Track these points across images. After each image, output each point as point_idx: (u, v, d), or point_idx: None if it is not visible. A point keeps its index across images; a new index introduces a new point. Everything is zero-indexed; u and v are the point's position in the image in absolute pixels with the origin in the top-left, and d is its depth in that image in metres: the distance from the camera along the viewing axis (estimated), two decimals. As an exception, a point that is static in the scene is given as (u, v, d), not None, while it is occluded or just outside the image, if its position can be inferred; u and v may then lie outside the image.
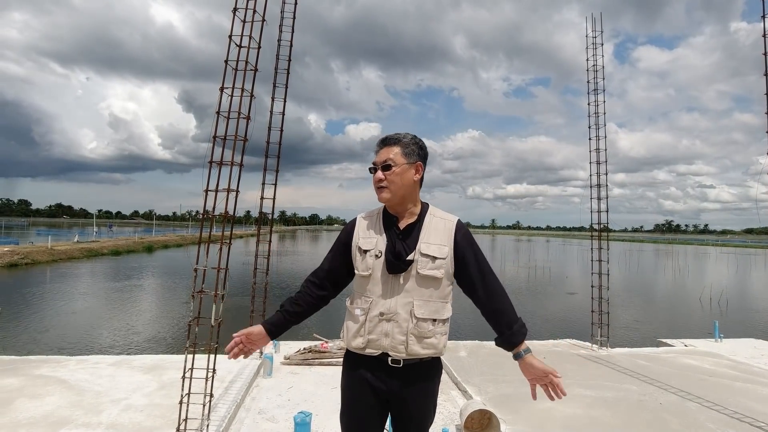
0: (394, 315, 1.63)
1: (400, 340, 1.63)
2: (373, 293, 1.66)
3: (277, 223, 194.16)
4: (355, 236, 1.75)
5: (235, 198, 3.20)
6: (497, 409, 4.20)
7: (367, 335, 1.65)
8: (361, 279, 1.70)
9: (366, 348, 1.66)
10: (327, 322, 11.80)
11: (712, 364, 6.05)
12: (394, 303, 1.64)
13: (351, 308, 1.73)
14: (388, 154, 1.70)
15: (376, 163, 1.73)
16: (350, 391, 1.74)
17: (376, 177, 1.71)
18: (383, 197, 1.71)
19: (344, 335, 1.74)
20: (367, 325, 1.65)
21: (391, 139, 1.72)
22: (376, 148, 1.75)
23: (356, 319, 1.68)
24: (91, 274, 21.78)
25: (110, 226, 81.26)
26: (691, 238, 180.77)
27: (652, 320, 13.57)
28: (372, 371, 1.68)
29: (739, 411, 4.32)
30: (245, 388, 4.50)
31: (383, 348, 1.64)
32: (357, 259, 1.71)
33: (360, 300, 1.69)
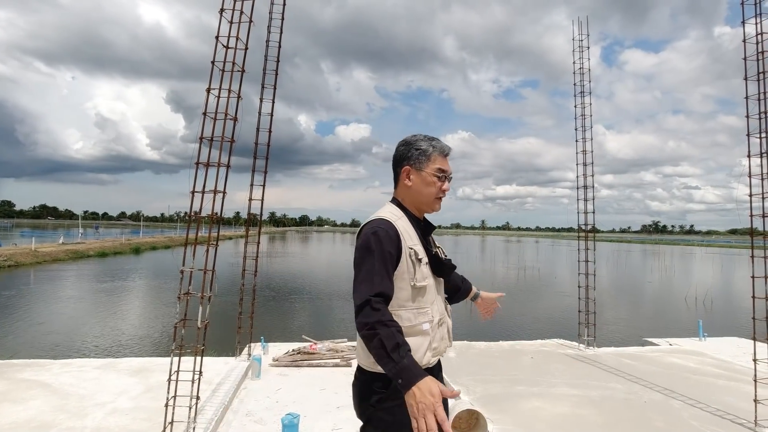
0: (443, 317, 1.64)
1: (447, 338, 1.66)
2: (428, 302, 1.56)
3: (266, 224, 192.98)
4: (403, 244, 1.53)
5: (222, 199, 3.18)
6: (485, 408, 4.23)
7: (433, 346, 1.57)
8: (416, 290, 1.52)
9: (431, 360, 1.56)
10: (315, 324, 11.78)
11: (696, 362, 6.15)
12: (441, 306, 1.64)
13: (411, 326, 1.50)
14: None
15: (448, 171, 1.65)
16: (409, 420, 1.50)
17: (447, 187, 1.66)
18: (440, 208, 1.69)
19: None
20: (432, 334, 1.56)
21: (451, 150, 1.70)
22: (444, 156, 1.65)
23: (425, 333, 1.53)
24: (76, 276, 21.46)
25: (96, 227, 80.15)
26: (678, 238, 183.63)
27: (638, 320, 13.74)
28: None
29: (721, 408, 4.40)
30: (233, 390, 4.47)
31: (440, 353, 1.62)
32: (413, 269, 1.52)
33: (416, 313, 1.52)
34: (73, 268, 24.60)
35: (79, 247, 32.83)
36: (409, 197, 1.65)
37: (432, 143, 1.63)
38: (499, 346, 6.73)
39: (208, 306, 3.12)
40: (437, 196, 1.64)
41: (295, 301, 15.28)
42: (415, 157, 1.62)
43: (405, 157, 1.64)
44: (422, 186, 1.62)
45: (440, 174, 1.62)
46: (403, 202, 1.66)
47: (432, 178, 1.61)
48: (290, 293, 16.87)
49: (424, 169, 1.61)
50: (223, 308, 11.47)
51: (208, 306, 3.12)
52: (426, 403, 1.21)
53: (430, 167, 1.61)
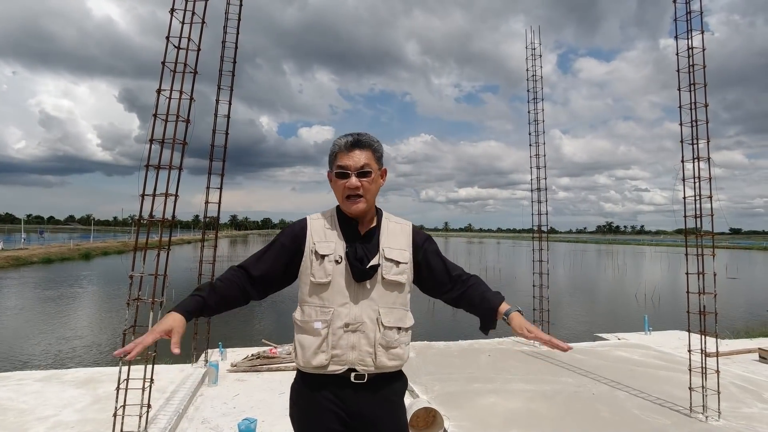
0: (360, 325, 1.49)
1: (368, 352, 1.50)
2: (333, 302, 1.50)
3: (228, 228, 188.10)
4: (308, 240, 1.55)
5: (174, 202, 3.12)
6: (443, 406, 4.32)
7: (331, 350, 1.48)
8: (317, 287, 1.51)
9: (329, 365, 1.48)
10: (277, 328, 11.61)
11: (640, 355, 6.51)
12: (359, 312, 1.50)
13: (305, 321, 1.52)
14: (364, 159, 1.52)
15: (348, 167, 1.51)
16: (309, 420, 1.52)
17: (350, 184, 1.50)
18: (359, 208, 1.53)
19: (298, 354, 1.53)
20: (330, 338, 1.48)
21: (364, 141, 1.53)
22: (346, 150, 1.52)
23: (316, 333, 1.49)
24: (17, 284, 20.16)
25: (41, 232, 75.60)
26: (629, 238, 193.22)
27: (592, 316, 14.38)
28: (334, 391, 1.50)
29: (661, 397, 4.69)
30: (188, 397, 4.36)
31: (349, 363, 1.49)
32: (312, 265, 1.52)
33: (316, 311, 1.51)
34: (14, 276, 23.10)
35: (21, 254, 30.87)
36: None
37: (336, 142, 1.56)
38: (458, 345, 6.87)
39: (160, 312, 3.03)
40: (345, 195, 1.53)
41: (256, 305, 14.98)
42: (329, 162, 1.60)
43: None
44: (334, 188, 1.58)
45: (337, 171, 1.53)
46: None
47: (334, 178, 1.55)
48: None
49: (332, 171, 1.57)
50: (179, 315, 11.10)
51: (160, 312, 3.03)
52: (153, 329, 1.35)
53: (333, 167, 1.55)
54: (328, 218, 1.60)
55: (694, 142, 4.42)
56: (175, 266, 24.75)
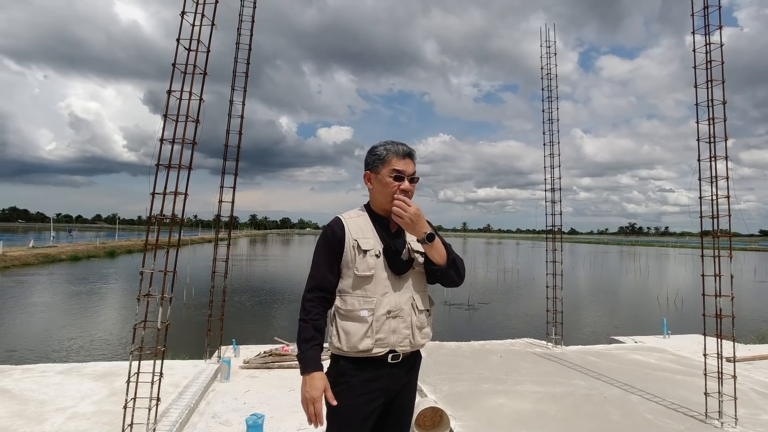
0: (400, 311, 1.69)
1: (406, 334, 1.70)
2: (375, 292, 1.68)
3: (247, 227, 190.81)
4: (347, 236, 1.71)
5: (184, 201, 3.19)
6: (450, 406, 4.31)
7: (375, 335, 1.66)
8: (360, 279, 1.68)
9: (374, 348, 1.66)
10: (290, 326, 11.74)
11: (656, 358, 6.36)
12: (398, 299, 1.70)
13: (350, 311, 1.68)
14: (413, 167, 1.76)
15: (404, 172, 1.72)
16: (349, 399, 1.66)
17: (407, 187, 1.73)
18: None
19: (342, 340, 1.67)
20: (375, 324, 1.66)
21: (413, 153, 1.77)
22: (401, 157, 1.73)
23: (362, 320, 1.66)
24: (46, 280, 20.87)
25: (70, 230, 78.00)
26: (653, 239, 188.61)
27: (609, 319, 14.11)
28: (374, 371, 1.69)
29: (676, 402, 4.58)
30: (200, 392, 4.45)
31: (390, 345, 1.68)
32: (356, 259, 1.69)
33: (360, 300, 1.67)
34: (44, 272, 23.92)
35: (50, 251, 31.93)
36: (372, 199, 1.81)
37: (387, 147, 1.75)
38: (470, 346, 6.84)
39: (169, 307, 3.12)
40: (395, 197, 1.71)
41: (271, 303, 15.18)
42: (372, 162, 1.76)
43: (366, 164, 1.80)
44: (380, 187, 1.74)
45: (395, 174, 1.71)
46: (370, 204, 1.82)
47: (387, 179, 1.71)
48: (267, 296, 16.76)
49: (380, 171, 1.73)
50: (196, 311, 11.34)
51: (169, 307, 3.12)
52: (308, 396, 1.60)
53: (386, 169, 1.72)
54: (361, 217, 1.78)
55: (711, 140, 4.31)
56: (197, 264, 25.27)
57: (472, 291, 18.82)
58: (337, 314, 1.71)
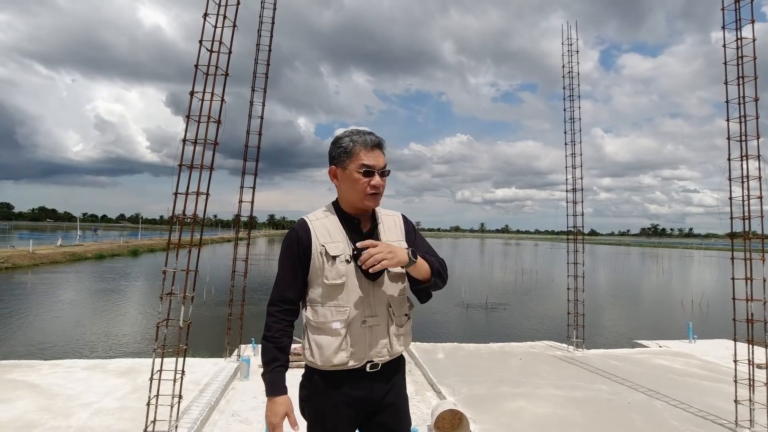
0: (375, 319, 1.54)
1: (383, 344, 1.56)
2: (348, 301, 1.51)
3: (265, 227, 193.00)
4: (314, 242, 1.54)
5: (206, 201, 3.23)
6: (469, 409, 4.26)
7: (350, 347, 1.51)
8: (330, 288, 1.52)
9: (349, 362, 1.51)
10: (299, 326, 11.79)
11: (682, 364, 6.19)
12: (374, 307, 1.54)
13: (322, 322, 1.52)
14: (383, 159, 1.57)
15: (374, 166, 1.54)
16: (327, 416, 1.54)
17: (377, 182, 1.54)
18: (375, 204, 1.59)
19: (315, 354, 1.53)
20: (349, 337, 1.50)
21: (383, 142, 1.58)
22: (369, 149, 1.54)
23: (335, 333, 1.50)
24: (73, 278, 21.48)
25: (95, 229, 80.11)
26: (676, 241, 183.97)
27: (633, 322, 13.79)
28: (351, 384, 1.54)
29: (704, 409, 4.44)
30: (220, 390, 4.50)
31: (367, 357, 1.53)
32: (324, 267, 1.52)
33: (332, 311, 1.51)
34: (70, 270, 24.61)
35: (76, 250, 32.86)
36: (340, 197, 1.62)
37: (353, 138, 1.55)
38: (489, 348, 6.76)
39: (191, 306, 3.16)
40: (367, 192, 1.54)
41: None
42: (337, 156, 1.57)
43: (331, 158, 1.60)
44: (349, 184, 1.55)
45: (363, 169, 1.52)
46: (338, 202, 1.63)
47: (356, 175, 1.53)
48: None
49: (347, 166, 1.54)
50: (218, 311, 11.50)
51: (191, 306, 3.16)
52: (269, 421, 1.50)
53: (353, 164, 1.53)
54: (328, 217, 1.60)
55: (742, 139, 4.16)
56: (217, 263, 25.64)
57: (490, 292, 18.65)
58: (308, 326, 1.55)
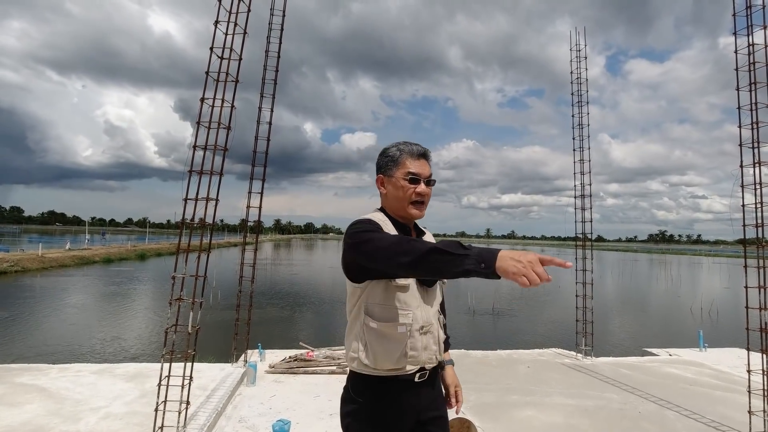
0: (430, 326, 1.55)
1: (434, 350, 1.56)
2: (410, 305, 1.51)
3: (271, 232, 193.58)
4: None
5: (215, 207, 3.24)
6: (477, 417, 4.22)
7: (410, 351, 1.49)
8: (396, 289, 1.49)
9: (406, 366, 1.50)
10: (314, 331, 11.78)
11: (694, 373, 6.10)
12: (428, 313, 1.56)
13: (386, 326, 1.49)
14: (429, 169, 1.61)
15: (420, 174, 1.57)
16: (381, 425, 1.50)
17: (423, 190, 1.57)
18: (420, 213, 1.60)
19: (371, 357, 1.49)
20: (409, 341, 1.49)
21: (429, 153, 1.62)
22: (416, 158, 1.58)
23: (398, 338, 1.48)
24: (80, 281, 21.63)
25: (103, 233, 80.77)
26: (685, 248, 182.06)
27: (641, 330, 13.63)
28: (405, 392, 1.53)
29: (716, 419, 4.37)
30: (227, 396, 4.49)
31: (421, 362, 1.53)
32: None
33: (396, 313, 1.49)
34: (79, 273, 24.79)
35: (85, 253, 33.10)
36: (388, 205, 1.64)
37: (400, 147, 1.60)
38: (497, 355, 6.70)
39: (200, 311, 3.16)
40: (411, 200, 1.57)
41: (295, 308, 15.31)
42: (384, 165, 1.62)
43: (378, 167, 1.65)
44: (394, 192, 1.59)
45: (409, 177, 1.56)
46: (385, 210, 1.64)
47: (401, 182, 1.56)
48: (292, 300, 16.90)
49: (394, 174, 1.59)
50: (224, 315, 11.52)
51: (200, 311, 3.16)
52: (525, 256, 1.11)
53: (400, 172, 1.58)
54: (387, 224, 1.57)
55: (754, 145, 4.12)
56: (224, 267, 25.71)
57: (497, 298, 18.54)
58: (366, 330, 1.50)
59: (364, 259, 1.41)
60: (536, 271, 1.07)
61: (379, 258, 1.33)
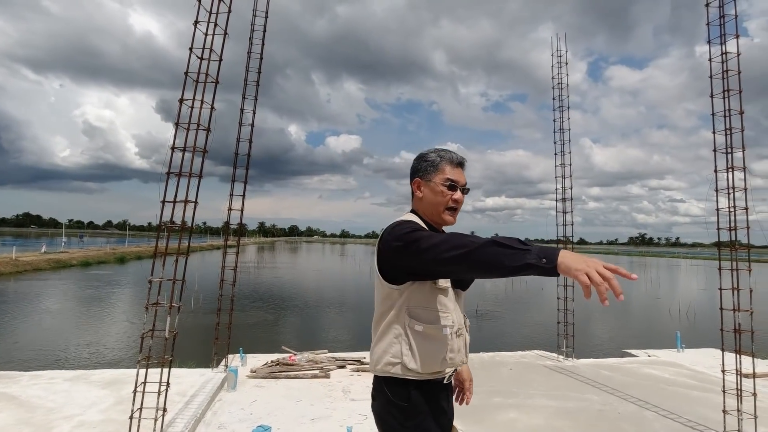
0: (462, 329, 1.59)
1: (463, 353, 1.59)
2: (448, 308, 1.53)
3: (255, 234, 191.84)
4: None
5: (194, 209, 3.18)
6: (461, 419, 4.22)
7: (450, 354, 1.51)
8: (438, 292, 1.51)
9: (446, 369, 1.52)
10: (297, 335, 11.68)
11: (672, 373, 6.21)
12: (460, 317, 1.59)
13: (432, 329, 1.49)
14: (465, 178, 1.63)
15: (458, 182, 1.60)
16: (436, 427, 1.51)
17: (460, 198, 1.60)
18: (453, 220, 1.62)
19: (417, 360, 1.47)
20: (449, 343, 1.51)
21: (464, 160, 1.64)
22: (454, 165, 1.61)
23: (442, 340, 1.49)
24: (56, 285, 21.05)
25: (81, 236, 78.81)
26: (664, 250, 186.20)
27: (621, 331, 13.86)
28: (441, 394, 1.55)
29: (693, 419, 4.45)
30: (207, 402, 4.41)
31: (455, 364, 1.55)
32: None
33: (439, 316, 1.50)
34: (55, 277, 24.13)
35: (61, 257, 32.24)
36: (422, 209, 1.64)
37: (440, 153, 1.62)
38: (480, 358, 6.73)
39: (177, 316, 3.09)
40: (447, 206, 1.59)
41: (279, 311, 15.16)
42: (423, 169, 1.62)
43: (416, 170, 1.65)
44: (431, 196, 1.60)
45: (448, 183, 1.58)
46: (418, 213, 1.65)
47: (440, 188, 1.58)
48: (275, 304, 16.74)
49: (433, 179, 1.60)
50: (206, 319, 11.33)
51: (177, 316, 3.09)
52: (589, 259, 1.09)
53: (438, 177, 1.59)
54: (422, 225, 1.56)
55: (728, 151, 4.23)
56: (207, 270, 25.33)
57: (481, 300, 18.66)
58: (410, 333, 1.48)
59: (414, 256, 1.36)
60: (600, 273, 1.04)
61: (433, 252, 1.29)
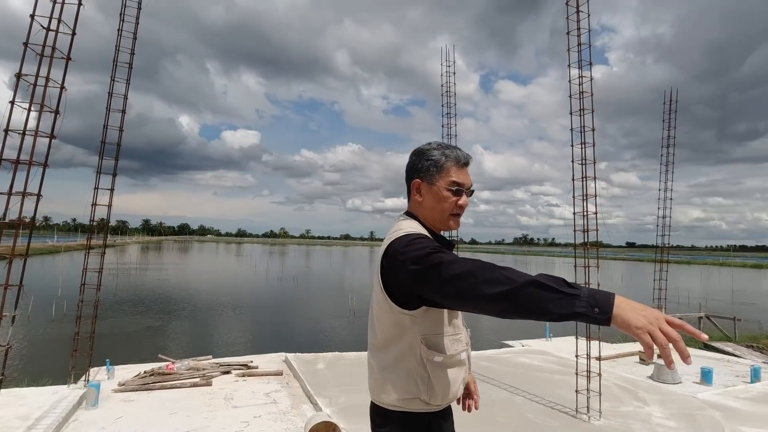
0: (468, 345, 1.42)
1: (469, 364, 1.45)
2: (460, 328, 1.37)
3: (139, 233, 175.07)
4: None
5: (36, 202, 2.75)
6: (346, 419, 4.23)
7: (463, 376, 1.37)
8: (452, 315, 1.35)
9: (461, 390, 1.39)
10: (179, 342, 10.85)
11: (540, 360, 6.91)
12: (466, 335, 1.42)
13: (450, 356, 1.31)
14: (470, 179, 1.43)
15: (464, 185, 1.39)
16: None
17: (462, 202, 1.39)
18: (456, 225, 1.43)
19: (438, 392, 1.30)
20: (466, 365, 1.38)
21: (470, 159, 1.44)
22: (460, 166, 1.40)
23: (461, 364, 1.34)
24: None
25: None
26: (542, 250, 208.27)
27: (501, 323, 15.13)
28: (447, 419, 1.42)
29: (554, 400, 4.98)
30: (56, 424, 3.85)
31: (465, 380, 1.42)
32: None
33: (454, 342, 1.33)
34: None
35: None
36: (422, 214, 1.42)
37: (445, 152, 1.40)
38: (370, 356, 6.84)
39: (11, 327, 2.64)
40: (452, 212, 1.39)
41: (163, 317, 13.94)
42: (425, 169, 1.40)
43: (415, 169, 1.43)
44: (434, 201, 1.39)
45: (454, 187, 1.38)
46: (418, 218, 1.43)
47: (445, 192, 1.38)
48: (159, 309, 15.36)
49: (436, 182, 1.39)
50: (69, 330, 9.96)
51: (11, 327, 2.64)
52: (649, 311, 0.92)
53: (443, 180, 1.38)
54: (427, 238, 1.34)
55: (583, 162, 4.81)
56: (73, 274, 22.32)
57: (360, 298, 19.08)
58: (429, 366, 1.28)
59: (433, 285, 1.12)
60: (664, 330, 0.88)
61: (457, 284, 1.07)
